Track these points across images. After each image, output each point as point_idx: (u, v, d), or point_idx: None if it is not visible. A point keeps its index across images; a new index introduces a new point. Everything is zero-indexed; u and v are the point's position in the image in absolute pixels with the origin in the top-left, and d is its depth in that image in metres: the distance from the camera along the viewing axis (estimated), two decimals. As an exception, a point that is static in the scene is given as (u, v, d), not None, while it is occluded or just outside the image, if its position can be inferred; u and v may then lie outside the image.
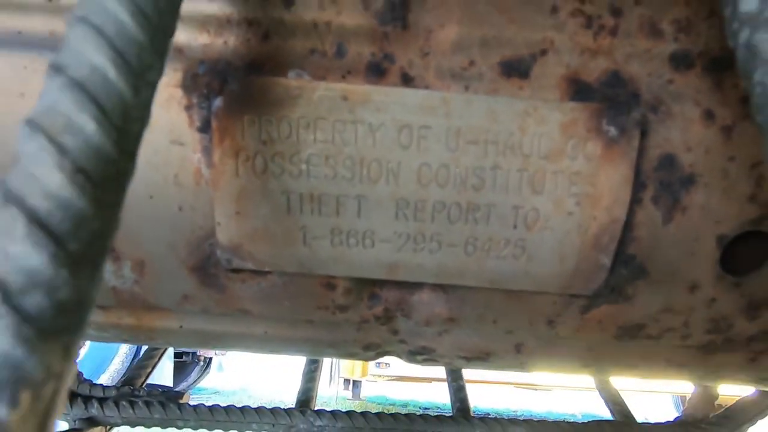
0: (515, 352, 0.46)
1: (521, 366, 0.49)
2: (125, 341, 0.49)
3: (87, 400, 0.81)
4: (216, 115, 0.33)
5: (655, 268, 0.37)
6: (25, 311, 0.15)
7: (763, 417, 0.80)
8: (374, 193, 0.34)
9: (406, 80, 0.34)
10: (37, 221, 0.16)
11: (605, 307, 0.40)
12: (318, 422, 0.78)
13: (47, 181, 0.16)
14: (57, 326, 0.16)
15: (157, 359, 1.01)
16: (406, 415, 0.79)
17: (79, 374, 0.86)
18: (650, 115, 0.34)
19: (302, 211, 0.34)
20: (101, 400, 0.81)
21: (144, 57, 0.20)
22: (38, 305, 0.15)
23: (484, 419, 0.82)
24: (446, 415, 0.83)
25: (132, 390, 0.84)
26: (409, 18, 0.34)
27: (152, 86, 0.21)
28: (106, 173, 0.18)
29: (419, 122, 0.33)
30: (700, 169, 0.34)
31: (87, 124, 0.18)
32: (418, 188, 0.34)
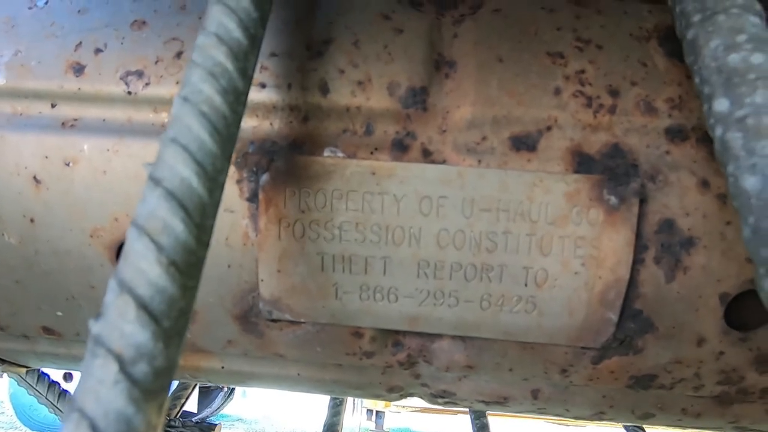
0: (532, 398, 0.48)
1: (539, 411, 0.51)
2: (191, 380, 0.54)
3: (127, 429, 0.86)
4: (263, 188, 0.38)
5: (662, 322, 0.40)
6: (134, 377, 0.20)
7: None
8: (398, 255, 0.38)
9: (426, 154, 0.39)
10: (143, 306, 0.21)
11: (616, 359, 0.42)
12: (343, 458, 0.80)
13: (150, 273, 0.21)
14: (155, 388, 0.20)
15: (190, 390, 1.06)
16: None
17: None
18: (649, 183, 0.38)
19: (335, 269, 0.39)
20: (140, 430, 0.86)
21: (217, 164, 0.26)
22: (143, 372, 0.20)
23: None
24: (469, 454, 0.84)
25: (168, 420, 0.89)
26: (429, 101, 0.39)
27: (222, 186, 0.26)
28: (189, 263, 0.23)
29: (438, 193, 0.37)
30: (698, 232, 0.37)
31: (177, 226, 0.23)
32: (437, 250, 0.38)
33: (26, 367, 0.58)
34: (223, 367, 0.50)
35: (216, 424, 0.90)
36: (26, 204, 0.41)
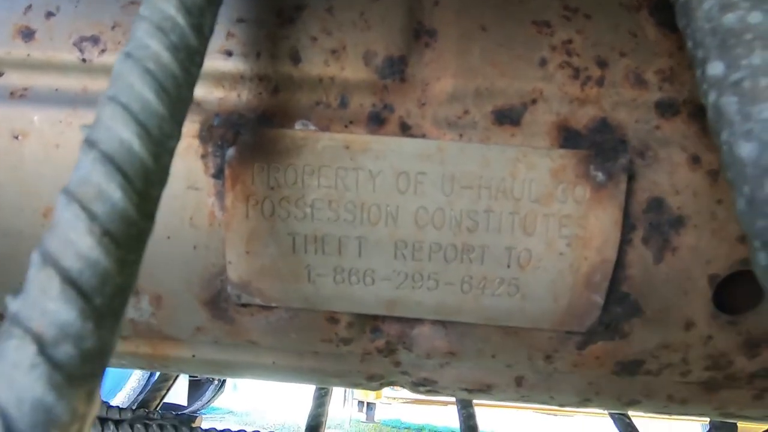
0: (516, 386, 0.46)
1: (523, 399, 0.49)
2: (141, 368, 0.51)
3: (103, 422, 0.83)
4: (229, 163, 0.35)
5: (650, 306, 0.38)
6: (56, 361, 0.17)
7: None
8: (374, 235, 0.36)
9: (405, 128, 0.37)
10: (69, 280, 0.18)
11: (602, 344, 0.41)
12: (326, 449, 0.78)
13: (79, 244, 0.19)
14: (83, 373, 0.18)
15: (171, 382, 1.04)
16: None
17: (97, 396, 0.88)
18: (638, 160, 0.36)
19: (307, 250, 0.37)
20: (117, 423, 0.83)
21: (164, 128, 0.23)
22: (67, 355, 0.18)
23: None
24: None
25: (147, 413, 0.87)
26: (407, 72, 0.37)
27: (171, 152, 0.24)
28: (128, 234, 0.20)
29: (416, 169, 0.35)
30: (688, 211, 0.36)
31: (114, 192, 0.20)
32: (416, 230, 0.36)
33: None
34: (194, 356, 0.47)
35: (196, 416, 0.87)
36: None
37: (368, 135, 0.36)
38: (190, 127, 0.37)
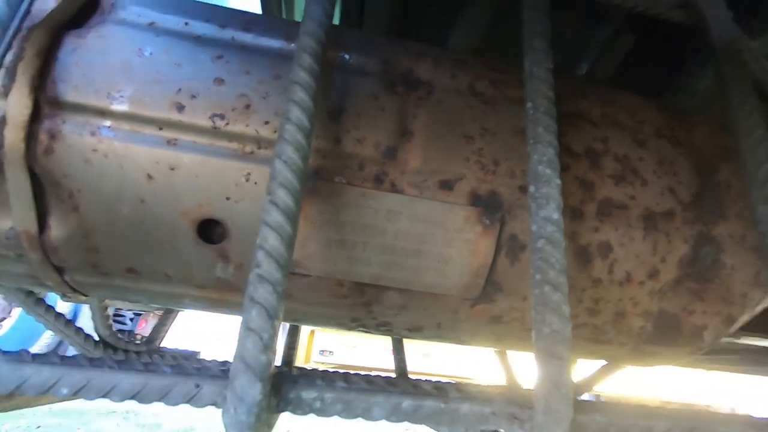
0: (437, 328, 0.82)
1: (441, 337, 0.85)
2: (206, 310, 0.80)
3: (126, 353, 1.08)
4: None
5: (507, 286, 0.75)
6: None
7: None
8: (373, 240, 0.68)
9: (392, 186, 0.69)
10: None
11: (482, 305, 0.77)
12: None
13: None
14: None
15: (169, 325, 1.29)
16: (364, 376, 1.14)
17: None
18: (506, 215, 0.71)
19: (335, 247, 0.68)
20: (137, 353, 1.09)
21: (299, 198, 0.53)
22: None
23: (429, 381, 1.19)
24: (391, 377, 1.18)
25: (158, 348, 1.12)
26: (397, 155, 0.69)
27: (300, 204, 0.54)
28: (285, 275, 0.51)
29: (397, 209, 0.68)
30: (526, 241, 0.72)
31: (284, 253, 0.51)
32: (394, 240, 0.69)
33: (87, 295, 0.80)
34: None
35: (199, 352, 1.15)
36: (139, 190, 0.63)
37: (373, 189, 0.67)
38: None
